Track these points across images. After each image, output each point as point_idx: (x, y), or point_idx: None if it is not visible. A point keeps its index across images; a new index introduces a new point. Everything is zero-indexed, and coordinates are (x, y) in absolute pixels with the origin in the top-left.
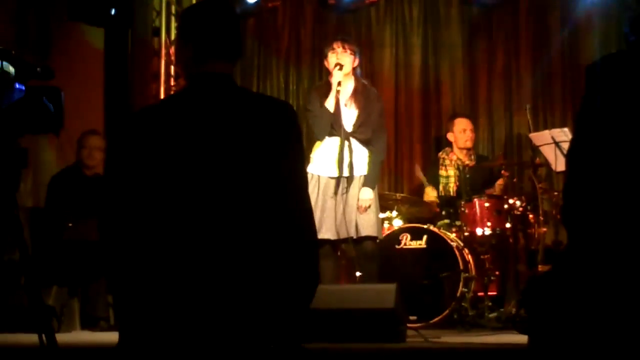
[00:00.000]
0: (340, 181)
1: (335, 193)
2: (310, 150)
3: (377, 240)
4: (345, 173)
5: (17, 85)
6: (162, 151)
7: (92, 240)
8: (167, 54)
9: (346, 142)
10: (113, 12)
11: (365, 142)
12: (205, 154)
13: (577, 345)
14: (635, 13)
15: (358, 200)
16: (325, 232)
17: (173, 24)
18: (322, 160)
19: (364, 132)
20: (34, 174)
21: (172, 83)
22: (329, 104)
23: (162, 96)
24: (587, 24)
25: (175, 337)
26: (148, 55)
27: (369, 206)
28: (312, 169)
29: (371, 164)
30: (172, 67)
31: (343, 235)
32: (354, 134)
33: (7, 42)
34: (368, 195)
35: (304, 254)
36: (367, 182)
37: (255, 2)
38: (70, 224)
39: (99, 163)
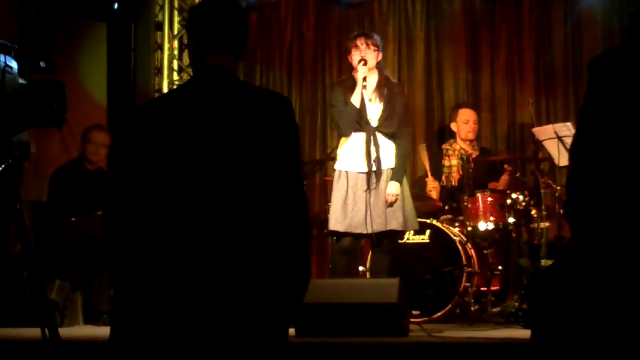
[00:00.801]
0: (370, 175)
1: (367, 188)
2: (335, 147)
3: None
4: (373, 167)
5: (20, 80)
6: (161, 145)
7: (95, 234)
8: (170, 48)
9: (372, 137)
10: (116, 6)
11: (391, 136)
12: (201, 148)
13: (580, 339)
14: (637, 6)
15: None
16: (357, 227)
17: (176, 18)
18: (350, 156)
19: (390, 126)
20: (36, 167)
21: (175, 77)
22: (355, 100)
23: (165, 90)
24: (591, 18)
25: (168, 330)
26: (151, 49)
27: (395, 200)
28: (339, 166)
29: (398, 157)
30: (175, 61)
31: (375, 229)
32: (379, 128)
33: (10, 36)
34: (395, 189)
35: (295, 248)
36: (394, 175)
37: None
38: (73, 219)
39: (103, 159)
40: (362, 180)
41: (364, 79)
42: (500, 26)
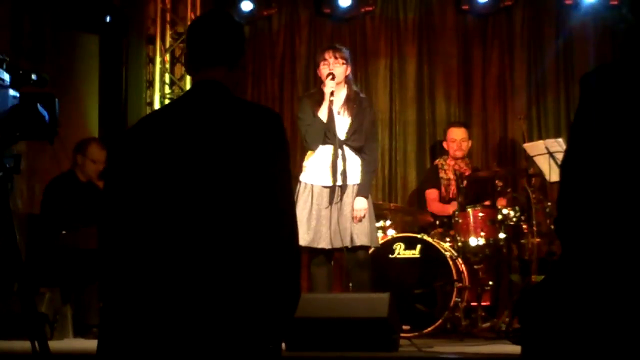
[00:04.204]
0: (334, 190)
1: (330, 202)
2: (302, 159)
3: (370, 250)
4: (339, 182)
5: (12, 92)
6: (155, 163)
7: (85, 248)
8: (162, 62)
9: (339, 150)
10: (108, 19)
11: (358, 150)
12: (192, 165)
13: (570, 356)
14: (629, 23)
15: (352, 209)
16: (321, 241)
17: (168, 32)
18: (316, 169)
19: (357, 140)
20: (27, 180)
21: (167, 91)
22: (322, 114)
23: (156, 103)
24: (582, 34)
25: (155, 345)
26: (143, 62)
27: (364, 216)
28: (305, 178)
29: (364, 172)
30: (167, 75)
31: (338, 244)
32: (347, 141)
33: (1, 49)
34: (362, 204)
35: (285, 264)
36: (361, 191)
37: (251, 10)
38: (64, 232)
39: (96, 172)
40: (327, 195)
41: (332, 93)
42: (492, 42)
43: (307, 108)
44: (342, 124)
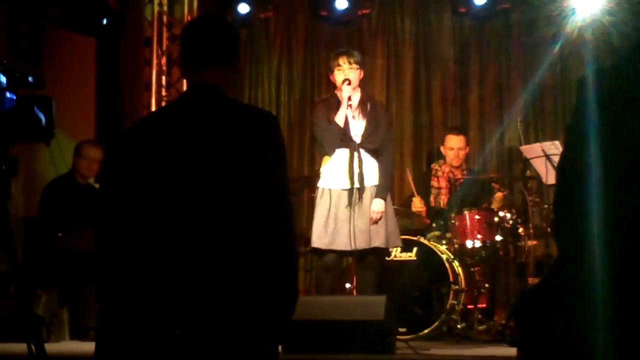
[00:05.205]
0: (352, 192)
1: (349, 205)
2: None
3: (390, 250)
4: (357, 184)
5: (8, 95)
6: (152, 165)
7: (82, 250)
8: (159, 64)
9: (356, 154)
10: (105, 22)
11: (374, 153)
12: (190, 168)
13: (566, 358)
14: (627, 27)
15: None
16: (340, 244)
17: (165, 34)
18: (333, 173)
19: (373, 142)
20: (24, 183)
21: (164, 93)
22: (339, 119)
23: (153, 106)
24: (579, 37)
25: (153, 347)
26: (139, 65)
27: (380, 217)
28: (323, 184)
29: (381, 173)
30: (164, 77)
31: (359, 246)
32: (363, 144)
33: None
34: (379, 206)
35: (283, 265)
36: (379, 192)
37: (247, 12)
38: (60, 234)
39: (95, 173)
40: (345, 197)
41: (349, 98)
42: (489, 45)
43: (321, 114)
44: (358, 127)
